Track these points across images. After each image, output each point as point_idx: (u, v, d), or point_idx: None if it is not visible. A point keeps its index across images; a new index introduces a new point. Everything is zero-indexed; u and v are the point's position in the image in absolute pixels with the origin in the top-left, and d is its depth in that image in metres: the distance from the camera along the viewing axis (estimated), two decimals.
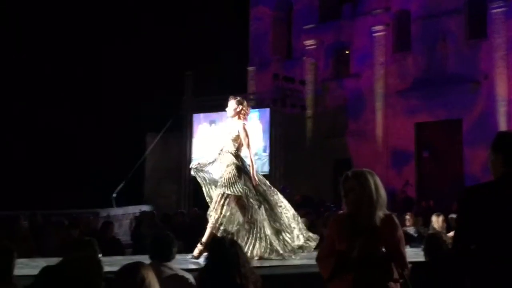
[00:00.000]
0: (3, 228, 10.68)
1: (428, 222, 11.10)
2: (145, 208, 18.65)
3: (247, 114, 8.13)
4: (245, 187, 7.80)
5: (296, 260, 7.80)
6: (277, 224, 7.90)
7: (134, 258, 7.18)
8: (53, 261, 4.42)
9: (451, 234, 8.71)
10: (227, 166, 7.91)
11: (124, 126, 22.12)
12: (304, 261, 7.63)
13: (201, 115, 23.59)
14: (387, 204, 4.00)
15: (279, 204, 8.02)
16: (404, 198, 19.54)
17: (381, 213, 3.88)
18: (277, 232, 7.88)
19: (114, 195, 15.25)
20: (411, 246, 9.94)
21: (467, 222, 3.29)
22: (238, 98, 8.14)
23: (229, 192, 7.76)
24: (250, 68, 27.70)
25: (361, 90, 24.03)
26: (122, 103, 22.26)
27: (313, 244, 7.98)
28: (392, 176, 22.02)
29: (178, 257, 5.87)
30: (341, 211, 4.13)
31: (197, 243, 7.96)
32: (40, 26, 23.02)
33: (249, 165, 7.96)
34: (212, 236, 7.53)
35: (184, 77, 23.35)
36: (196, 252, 7.70)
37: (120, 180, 18.50)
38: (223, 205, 7.77)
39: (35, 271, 4.16)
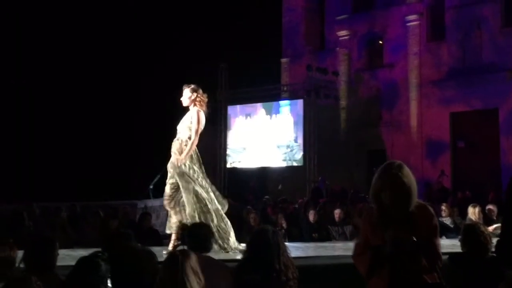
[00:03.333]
0: (44, 219, 10.93)
1: (464, 213, 11.04)
2: None
3: (204, 102, 7.74)
4: (193, 170, 7.52)
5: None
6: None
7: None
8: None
9: (491, 228, 8.66)
10: (174, 154, 7.61)
11: (160, 118, 22.32)
12: (340, 252, 7.67)
13: (237, 108, 23.79)
14: (422, 195, 3.97)
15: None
16: (440, 189, 19.39)
17: (415, 202, 3.82)
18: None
19: (151, 186, 15.37)
20: (448, 237, 9.93)
21: None
22: (192, 86, 7.78)
23: (181, 183, 7.50)
24: (284, 60, 27.69)
25: (395, 80, 23.87)
26: (158, 95, 22.45)
27: None
28: (427, 166, 21.90)
29: (215, 247, 5.95)
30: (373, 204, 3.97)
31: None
32: (77, 11, 23.34)
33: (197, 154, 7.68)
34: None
35: (219, 69, 23.48)
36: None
37: (157, 172, 18.72)
38: (178, 192, 7.51)
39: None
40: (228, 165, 23.67)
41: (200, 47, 24.28)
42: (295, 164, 22.69)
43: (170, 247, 7.28)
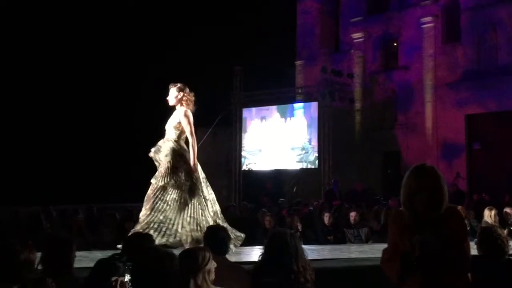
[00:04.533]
0: (61, 221, 11.02)
1: (480, 216, 10.99)
2: None
3: (191, 101, 7.63)
4: (182, 178, 7.39)
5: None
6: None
7: None
8: (110, 253, 4.56)
9: (507, 231, 8.62)
10: (166, 155, 7.49)
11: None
12: (356, 255, 7.68)
13: (253, 110, 23.82)
14: None
15: (207, 198, 7.61)
16: (455, 191, 19.28)
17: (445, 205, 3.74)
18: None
19: None
20: None
21: None
22: (179, 85, 7.68)
23: (161, 183, 7.36)
24: (298, 62, 27.70)
25: (410, 82, 23.81)
26: None
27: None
28: (442, 169, 21.70)
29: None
30: (401, 208, 3.87)
31: (247, 236, 7.88)
32: (92, 14, 23.47)
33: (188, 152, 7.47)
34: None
35: (233, 72, 23.52)
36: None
37: None
38: (156, 197, 7.37)
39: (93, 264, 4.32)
40: (245, 167, 23.73)
41: (214, 50, 24.35)
42: (309, 166, 22.70)
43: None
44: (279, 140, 23.01)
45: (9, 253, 4.25)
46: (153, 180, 7.51)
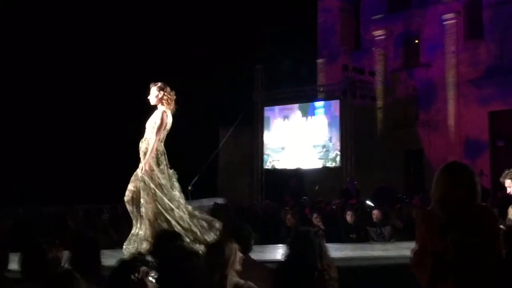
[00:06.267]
0: (86, 220, 11.13)
1: (504, 214, 10.91)
2: (219, 200, 18.90)
3: (172, 100, 7.52)
4: (157, 177, 7.43)
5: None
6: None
7: None
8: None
9: None
10: (144, 153, 7.52)
11: (197, 120, 22.60)
12: (379, 253, 7.68)
13: (276, 109, 23.89)
14: None
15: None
16: None
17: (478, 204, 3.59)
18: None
19: (190, 187, 15.41)
20: None
21: None
22: (159, 84, 7.57)
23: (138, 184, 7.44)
24: (319, 60, 27.65)
25: (432, 79, 23.68)
26: (195, 98, 22.73)
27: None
28: None
29: (254, 248, 6.02)
30: (429, 207, 3.69)
31: (270, 234, 7.89)
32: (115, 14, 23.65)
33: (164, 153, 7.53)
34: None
35: (255, 71, 23.57)
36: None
37: (195, 173, 18.87)
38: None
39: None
40: (268, 164, 23.80)
41: (236, 49, 24.41)
42: (330, 163, 22.71)
43: None
44: (301, 138, 23.06)
45: (38, 252, 4.35)
46: (132, 184, 7.63)
